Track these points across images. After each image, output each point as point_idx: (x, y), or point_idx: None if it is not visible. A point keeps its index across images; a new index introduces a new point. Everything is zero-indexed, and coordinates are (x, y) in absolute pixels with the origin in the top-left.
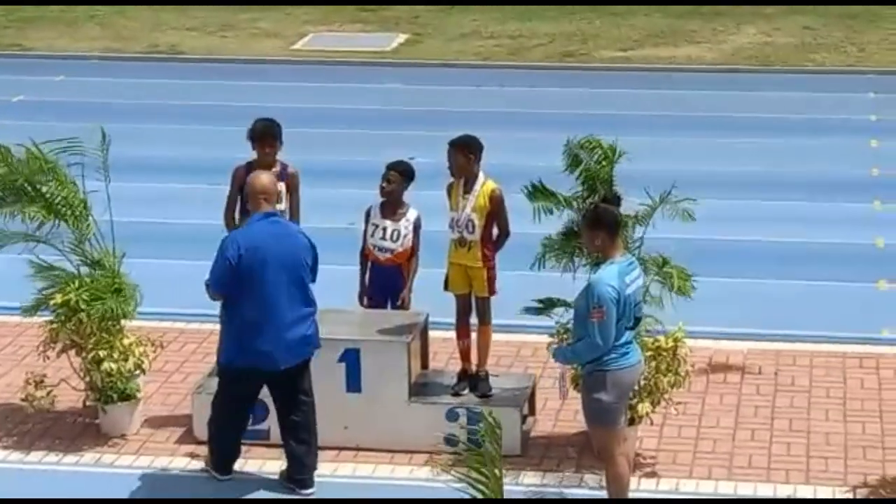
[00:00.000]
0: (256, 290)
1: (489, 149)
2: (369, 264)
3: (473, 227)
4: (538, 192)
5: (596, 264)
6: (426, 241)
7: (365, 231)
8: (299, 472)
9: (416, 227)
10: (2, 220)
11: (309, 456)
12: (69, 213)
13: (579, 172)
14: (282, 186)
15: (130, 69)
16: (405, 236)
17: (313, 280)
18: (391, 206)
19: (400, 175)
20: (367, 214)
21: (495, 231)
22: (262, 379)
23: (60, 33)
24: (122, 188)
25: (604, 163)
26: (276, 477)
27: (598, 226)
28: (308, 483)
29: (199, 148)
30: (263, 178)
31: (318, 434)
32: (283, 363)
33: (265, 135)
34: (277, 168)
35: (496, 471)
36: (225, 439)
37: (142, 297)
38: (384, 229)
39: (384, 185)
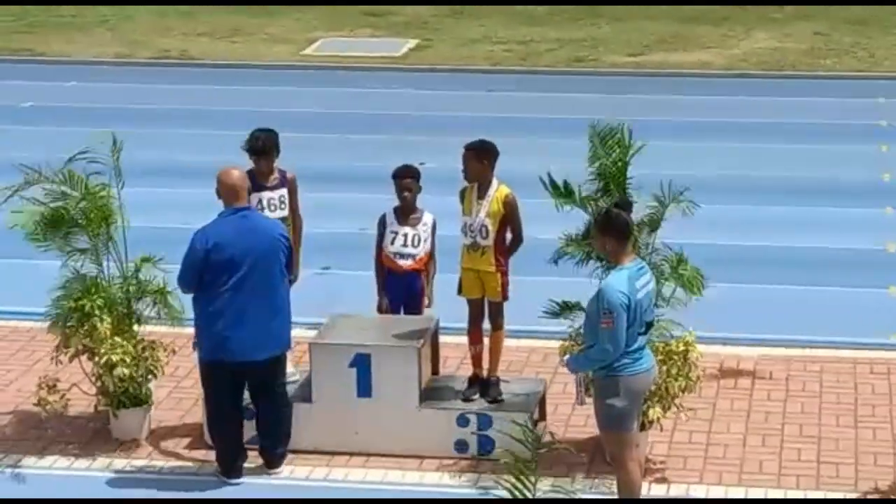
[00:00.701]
0: (222, 285)
1: (500, 154)
2: (386, 273)
3: (487, 232)
4: (557, 189)
5: (607, 269)
6: (437, 246)
7: (380, 239)
8: (267, 452)
9: (434, 230)
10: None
11: (277, 445)
12: (99, 222)
13: (596, 168)
14: (284, 193)
15: (141, 74)
16: (425, 240)
17: (289, 274)
18: (406, 211)
19: (415, 180)
20: (382, 223)
21: (508, 236)
22: (234, 372)
23: (71, 39)
24: (132, 193)
25: (619, 163)
26: (286, 481)
27: (609, 231)
28: (275, 463)
29: (210, 153)
30: (234, 173)
31: (329, 439)
32: (247, 356)
33: (262, 151)
34: (277, 175)
35: (532, 478)
36: (223, 438)
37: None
38: (405, 236)
39: (406, 193)
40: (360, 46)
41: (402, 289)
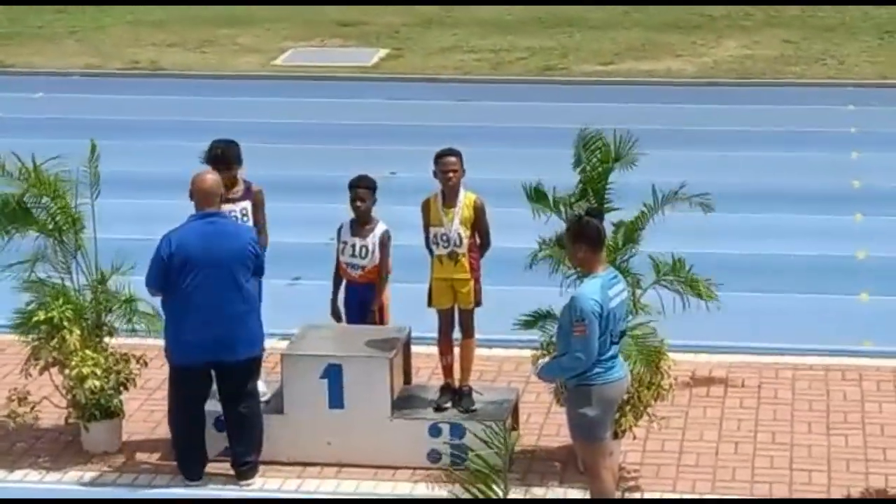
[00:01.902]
0: (185, 288)
1: (471, 163)
2: (344, 283)
3: (461, 240)
4: (536, 193)
5: (579, 278)
6: (406, 257)
7: (337, 250)
8: (237, 463)
9: (382, 242)
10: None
11: (248, 453)
12: (67, 227)
13: (579, 171)
14: (247, 205)
15: (110, 85)
16: (372, 252)
17: (257, 278)
18: (361, 222)
19: (369, 190)
20: (339, 233)
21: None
22: (201, 375)
23: (39, 49)
24: (103, 204)
25: (600, 168)
26: (258, 493)
27: (581, 238)
28: (245, 475)
29: (180, 164)
30: (208, 178)
31: (301, 450)
32: (213, 358)
33: (220, 161)
34: (241, 187)
35: (502, 486)
36: (186, 441)
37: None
38: (353, 246)
39: (358, 203)
40: (331, 56)
41: (358, 299)
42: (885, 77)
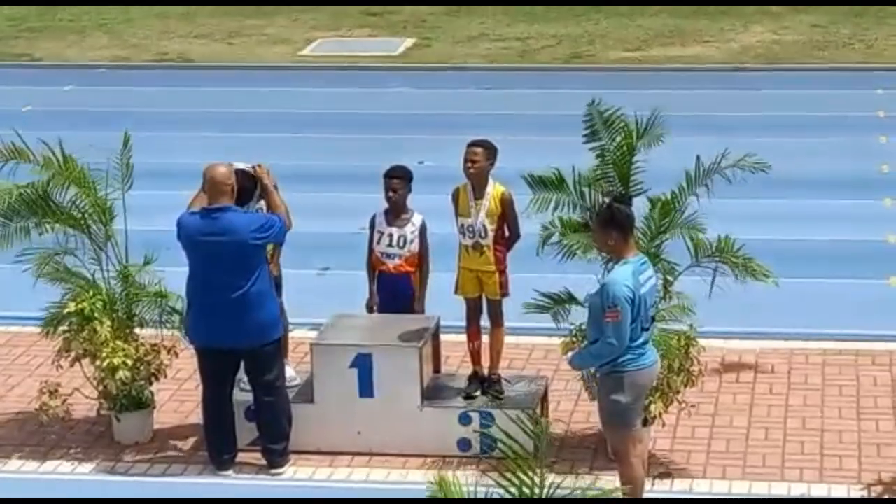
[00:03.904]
0: (193, 274)
1: (500, 152)
2: (377, 274)
3: (486, 232)
4: (546, 182)
5: (608, 264)
6: (434, 245)
7: (371, 240)
8: (267, 452)
9: (422, 231)
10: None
11: (275, 440)
12: (98, 219)
13: (598, 151)
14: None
15: (139, 78)
16: (411, 241)
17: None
18: (395, 212)
19: (403, 180)
20: (372, 223)
21: (506, 233)
22: (214, 359)
23: (69, 43)
24: (134, 196)
25: (624, 147)
26: (289, 482)
27: (612, 225)
28: (275, 463)
29: (210, 155)
30: (217, 171)
31: (332, 439)
32: (218, 345)
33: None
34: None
35: (539, 475)
36: (208, 426)
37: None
38: (390, 236)
39: (391, 194)
40: (358, 46)
41: (391, 290)
42: None
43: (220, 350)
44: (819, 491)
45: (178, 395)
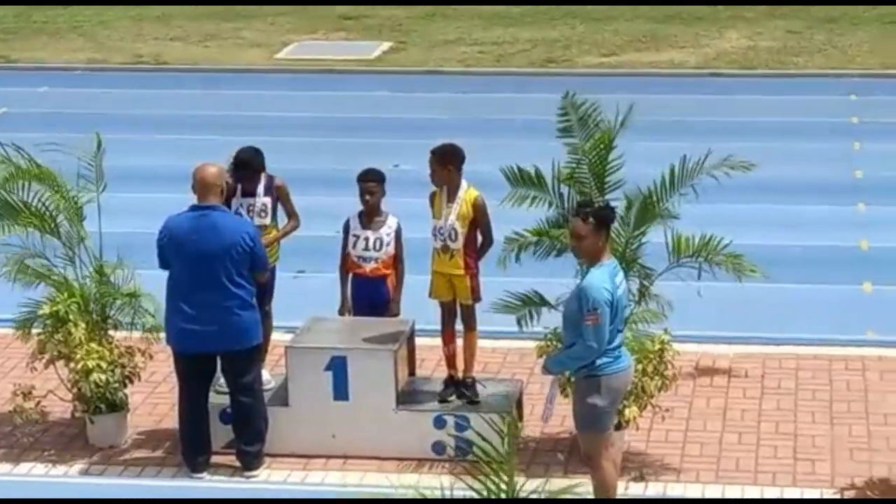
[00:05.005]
0: (176, 276)
1: (473, 156)
2: (351, 277)
3: (456, 235)
4: (524, 177)
5: (583, 267)
6: (408, 249)
7: (344, 244)
8: (242, 454)
9: (398, 234)
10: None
11: (251, 442)
12: (67, 219)
13: (571, 150)
14: (268, 201)
15: (114, 80)
16: (388, 244)
17: (260, 271)
18: (370, 215)
19: (378, 183)
20: (346, 227)
21: (480, 239)
22: (189, 362)
23: (44, 45)
24: (108, 198)
25: (600, 147)
26: (263, 484)
27: (603, 228)
28: (250, 466)
29: (185, 157)
30: (208, 170)
31: (306, 442)
32: (198, 348)
33: (247, 169)
34: (263, 182)
35: (512, 478)
36: (184, 428)
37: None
38: (366, 239)
39: (367, 197)
40: (334, 49)
41: (367, 293)
42: (887, 67)
43: (199, 352)
44: (792, 495)
45: (153, 398)
